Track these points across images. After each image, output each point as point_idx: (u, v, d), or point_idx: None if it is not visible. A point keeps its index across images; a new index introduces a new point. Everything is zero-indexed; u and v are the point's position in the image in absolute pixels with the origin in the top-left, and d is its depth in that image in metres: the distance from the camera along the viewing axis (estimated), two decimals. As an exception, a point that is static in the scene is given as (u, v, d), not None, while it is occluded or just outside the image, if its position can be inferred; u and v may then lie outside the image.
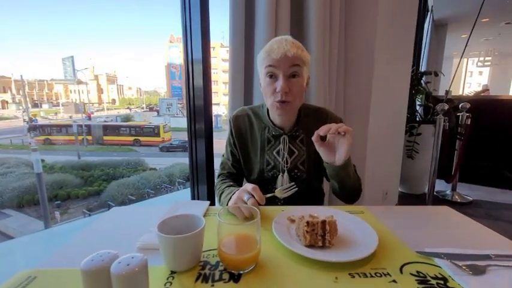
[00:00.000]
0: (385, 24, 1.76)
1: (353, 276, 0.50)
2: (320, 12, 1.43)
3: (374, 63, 1.73)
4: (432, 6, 3.82)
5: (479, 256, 0.55)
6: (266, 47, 0.83)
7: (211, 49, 1.38)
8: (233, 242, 0.53)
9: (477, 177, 3.03)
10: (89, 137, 17.08)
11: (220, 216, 0.51)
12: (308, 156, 0.93)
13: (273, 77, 0.83)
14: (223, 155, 1.03)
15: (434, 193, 2.49)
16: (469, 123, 2.50)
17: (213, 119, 1.44)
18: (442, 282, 0.48)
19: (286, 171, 0.92)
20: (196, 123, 1.39)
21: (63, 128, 17.37)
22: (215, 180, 1.01)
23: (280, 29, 1.35)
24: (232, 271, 0.51)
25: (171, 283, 0.48)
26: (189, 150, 1.45)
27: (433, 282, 0.48)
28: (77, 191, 9.64)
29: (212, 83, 1.40)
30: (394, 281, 0.48)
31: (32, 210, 8.61)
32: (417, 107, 2.81)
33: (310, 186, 0.95)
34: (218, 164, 1.08)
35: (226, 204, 0.79)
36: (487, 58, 5.90)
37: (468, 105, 2.45)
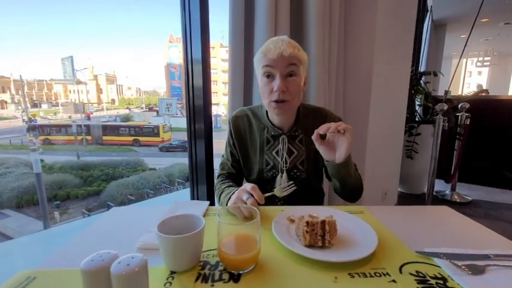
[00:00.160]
0: (384, 24, 1.76)
1: (353, 276, 0.50)
2: (320, 12, 1.43)
3: (373, 63, 1.73)
4: (431, 6, 3.83)
5: (479, 256, 0.55)
6: (262, 47, 0.83)
7: (211, 49, 1.37)
8: (233, 242, 0.53)
9: (476, 177, 3.04)
10: (88, 137, 17.05)
11: (220, 216, 0.51)
12: (307, 156, 0.93)
13: (270, 76, 0.83)
14: (223, 155, 1.04)
15: (434, 193, 2.50)
16: (468, 123, 2.50)
17: (213, 119, 1.43)
18: (441, 282, 0.49)
19: (285, 171, 0.92)
20: (195, 123, 1.39)
21: (62, 128, 17.34)
22: (215, 181, 1.01)
23: (279, 28, 1.35)
24: (232, 271, 0.51)
25: (171, 283, 0.48)
26: (188, 150, 1.45)
27: (433, 282, 0.48)
28: (76, 191, 9.62)
29: (212, 83, 1.40)
30: (394, 280, 0.49)
31: (31, 210, 8.59)
32: (416, 107, 2.81)
33: (309, 186, 0.95)
34: (218, 164, 1.09)
35: (226, 204, 0.79)
36: (486, 58, 5.91)
37: (467, 105, 2.45)
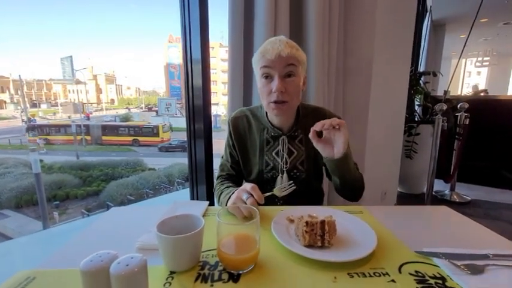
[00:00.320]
0: (384, 25, 1.76)
1: (352, 276, 0.50)
2: (319, 12, 1.43)
3: (373, 63, 1.73)
4: (431, 6, 3.83)
5: (478, 256, 0.55)
6: (260, 48, 0.83)
7: (210, 49, 1.37)
8: (232, 242, 0.53)
9: (475, 177, 3.04)
10: (88, 137, 17.04)
11: (219, 217, 0.51)
12: (307, 156, 0.93)
13: (268, 77, 0.82)
14: (222, 156, 1.03)
15: (433, 193, 2.50)
16: (467, 123, 2.51)
17: (212, 119, 1.43)
18: (440, 281, 0.49)
19: (285, 172, 0.92)
20: (195, 123, 1.39)
21: (61, 128, 17.33)
22: (214, 181, 1.01)
23: (279, 28, 1.35)
24: (232, 271, 0.51)
25: (171, 283, 0.48)
26: (188, 150, 1.44)
27: (432, 281, 0.49)
28: (75, 191, 9.61)
29: (211, 82, 1.40)
30: (393, 280, 0.49)
31: (30, 210, 8.59)
32: (416, 107, 2.81)
33: (309, 186, 0.95)
34: (217, 164, 1.08)
35: (226, 204, 0.79)
36: (485, 58, 5.90)
37: (466, 105, 2.46)
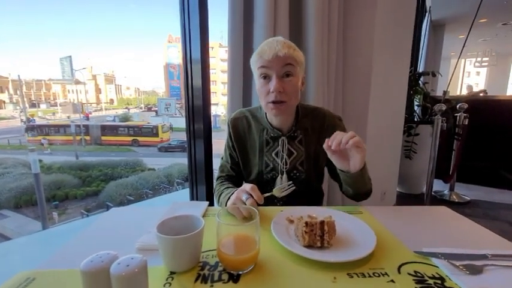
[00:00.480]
0: (383, 25, 1.76)
1: (351, 276, 0.50)
2: (319, 12, 1.43)
3: (372, 63, 1.74)
4: (430, 6, 3.84)
5: (477, 256, 0.55)
6: (258, 49, 0.83)
7: (210, 49, 1.37)
8: (232, 242, 0.53)
9: (475, 177, 3.05)
10: (87, 137, 17.03)
11: (219, 217, 0.52)
12: (307, 156, 0.93)
13: (266, 78, 0.82)
14: (222, 157, 1.03)
15: (432, 193, 2.50)
16: (466, 123, 2.51)
17: (212, 119, 1.43)
18: (439, 282, 0.49)
19: (285, 173, 0.92)
20: (195, 123, 1.39)
21: (61, 128, 17.33)
22: (214, 181, 1.01)
23: (278, 28, 1.35)
24: (232, 271, 0.51)
25: (171, 284, 0.48)
26: (187, 151, 1.44)
27: (431, 282, 0.49)
28: (75, 191, 9.60)
29: (211, 83, 1.40)
30: (392, 280, 0.49)
31: (29, 210, 8.58)
32: (415, 107, 2.81)
33: (309, 186, 0.95)
34: (217, 164, 1.08)
35: (225, 205, 0.79)
36: (484, 59, 5.91)
37: (466, 106, 2.46)
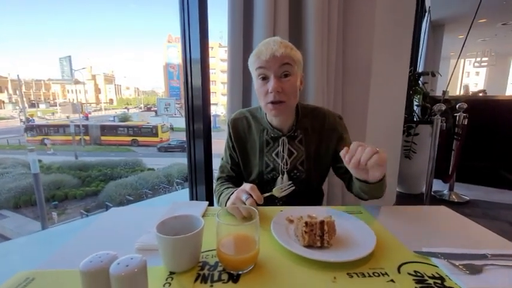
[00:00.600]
0: (383, 25, 1.76)
1: (351, 276, 0.50)
2: (318, 12, 1.43)
3: (372, 63, 1.74)
4: (429, 7, 3.84)
5: (476, 256, 0.55)
6: (255, 50, 0.83)
7: (210, 49, 1.37)
8: (232, 242, 0.53)
9: (474, 177, 3.05)
10: (87, 137, 17.01)
11: (219, 217, 0.52)
12: (307, 156, 0.93)
13: (264, 78, 0.82)
14: (222, 158, 1.03)
15: (432, 193, 2.50)
16: (466, 123, 2.51)
17: (211, 119, 1.43)
18: (439, 281, 0.49)
19: (285, 173, 0.92)
20: (194, 123, 1.39)
21: (60, 128, 17.31)
22: (213, 181, 1.01)
23: (278, 28, 1.35)
24: (231, 271, 0.51)
25: (170, 284, 0.48)
26: (187, 151, 1.44)
27: (431, 281, 0.49)
28: (74, 191, 9.59)
29: (210, 83, 1.40)
30: (392, 280, 0.49)
31: (29, 211, 8.57)
32: (415, 107, 2.82)
33: (309, 186, 0.95)
34: (217, 164, 1.08)
35: (225, 205, 0.79)
36: (483, 59, 5.91)
37: (465, 106, 2.46)
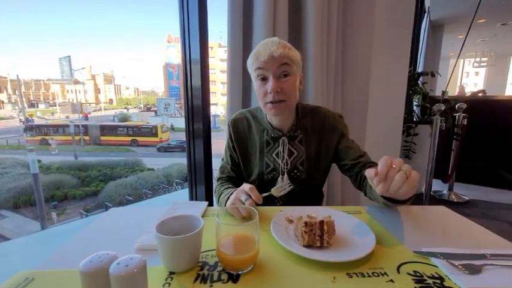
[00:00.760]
0: (382, 25, 1.76)
1: (351, 276, 0.50)
2: (318, 12, 1.43)
3: (371, 63, 1.74)
4: (429, 7, 3.85)
5: (475, 255, 0.55)
6: (253, 51, 0.83)
7: (209, 49, 1.37)
8: (232, 242, 0.53)
9: (474, 177, 3.06)
10: (86, 137, 17.00)
11: (218, 217, 0.52)
12: (307, 155, 0.93)
13: (264, 79, 0.83)
14: (223, 158, 1.03)
15: (431, 193, 2.50)
16: (465, 123, 2.52)
17: (211, 119, 1.43)
18: (438, 281, 0.49)
19: (286, 173, 0.92)
20: (194, 123, 1.39)
21: (60, 128, 17.29)
22: (213, 181, 1.01)
23: (278, 28, 1.35)
24: (231, 271, 0.51)
25: (170, 284, 0.48)
26: (187, 151, 1.44)
27: (430, 281, 0.49)
28: (74, 191, 9.59)
29: (210, 83, 1.40)
30: (392, 280, 0.49)
31: (28, 211, 8.56)
32: (414, 107, 2.82)
33: (309, 186, 0.95)
34: (216, 164, 1.08)
35: (225, 205, 0.79)
36: (483, 59, 5.92)
37: (464, 106, 2.47)
